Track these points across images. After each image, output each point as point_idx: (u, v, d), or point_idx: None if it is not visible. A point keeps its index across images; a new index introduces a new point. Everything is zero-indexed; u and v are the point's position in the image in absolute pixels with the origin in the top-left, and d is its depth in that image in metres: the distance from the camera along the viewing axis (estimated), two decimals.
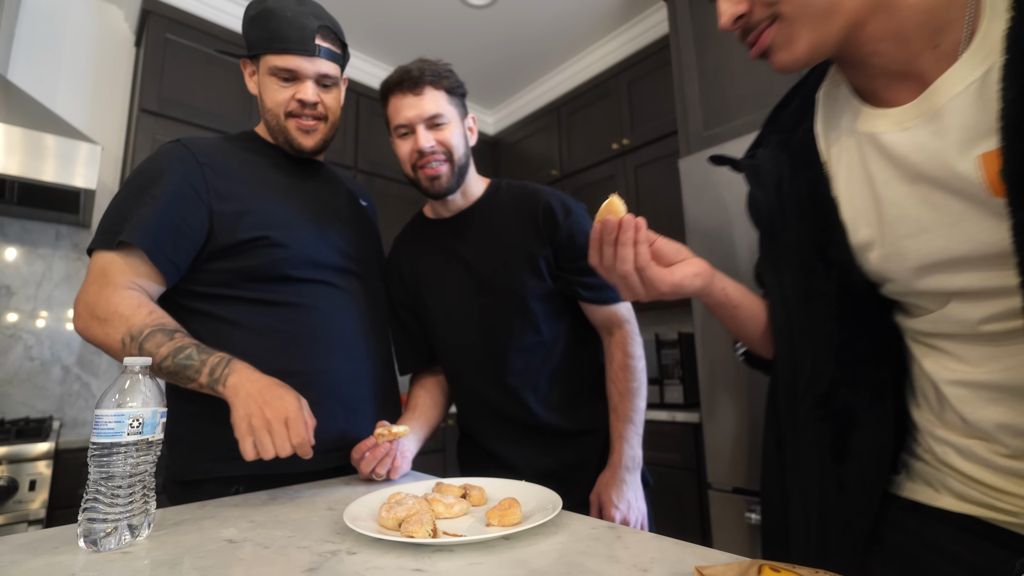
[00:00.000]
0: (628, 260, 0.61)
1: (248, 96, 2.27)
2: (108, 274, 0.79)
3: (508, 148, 3.32)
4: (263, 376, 0.74)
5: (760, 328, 0.70)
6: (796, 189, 0.64)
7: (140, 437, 0.53)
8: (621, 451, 0.94)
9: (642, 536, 0.54)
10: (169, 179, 0.83)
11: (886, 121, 0.55)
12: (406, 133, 0.95)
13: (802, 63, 0.55)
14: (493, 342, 0.99)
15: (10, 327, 1.95)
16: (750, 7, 0.55)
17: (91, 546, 0.50)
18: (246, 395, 0.70)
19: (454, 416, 1.14)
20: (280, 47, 0.87)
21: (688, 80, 1.93)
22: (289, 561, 0.48)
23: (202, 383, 0.73)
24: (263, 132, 1.00)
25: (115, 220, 0.81)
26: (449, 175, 0.96)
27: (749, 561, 0.40)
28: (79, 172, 1.67)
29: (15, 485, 1.42)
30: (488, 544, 0.52)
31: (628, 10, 2.51)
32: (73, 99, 2.17)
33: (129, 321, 0.74)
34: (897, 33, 0.52)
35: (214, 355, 0.74)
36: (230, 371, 0.73)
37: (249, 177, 0.92)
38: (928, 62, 0.51)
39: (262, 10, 0.88)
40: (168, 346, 0.73)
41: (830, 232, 0.61)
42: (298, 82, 0.90)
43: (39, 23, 2.13)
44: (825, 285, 0.61)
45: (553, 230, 0.98)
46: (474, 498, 0.67)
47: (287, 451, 0.67)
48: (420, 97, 0.93)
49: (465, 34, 2.66)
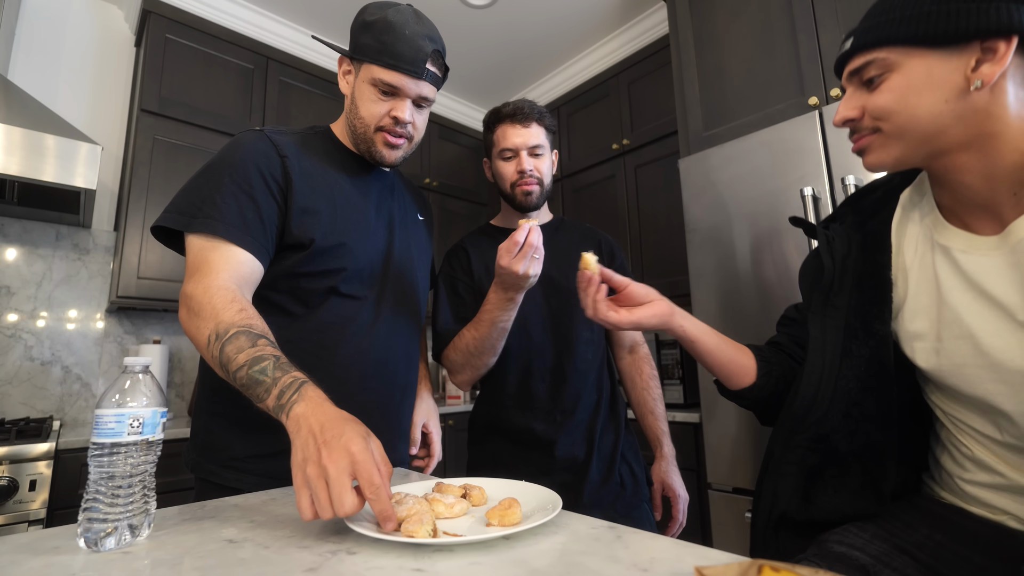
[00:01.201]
0: (588, 306, 0.81)
1: (248, 96, 2.28)
2: (208, 262, 0.75)
3: None
4: (332, 408, 0.59)
5: (719, 361, 0.81)
6: (860, 265, 0.74)
7: (140, 437, 0.53)
8: (667, 445, 1.21)
9: (642, 536, 0.54)
10: (250, 167, 0.82)
11: (963, 242, 0.64)
12: (511, 156, 1.16)
13: (889, 168, 0.65)
14: (560, 338, 1.14)
15: (10, 327, 1.95)
16: (860, 115, 0.65)
17: (91, 546, 0.50)
18: (307, 433, 0.56)
19: (454, 416, 1.16)
20: (391, 63, 0.84)
21: (688, 80, 1.93)
22: (289, 561, 0.48)
23: (270, 406, 0.62)
24: (339, 131, 0.98)
25: (196, 203, 0.78)
26: (539, 194, 1.17)
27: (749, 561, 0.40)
28: (79, 172, 1.66)
29: (15, 485, 1.42)
30: (488, 544, 0.52)
31: (628, 10, 2.51)
32: (73, 99, 2.17)
33: (218, 316, 0.69)
34: (987, 173, 0.60)
35: (288, 374, 0.63)
36: (298, 398, 0.60)
37: (321, 178, 0.89)
38: (1007, 205, 0.59)
39: (380, 19, 0.86)
40: (247, 353, 0.65)
41: (879, 308, 0.71)
42: (397, 99, 0.88)
43: (39, 23, 2.13)
44: (861, 350, 0.71)
45: (611, 261, 1.22)
46: (474, 498, 0.67)
47: (347, 510, 0.50)
48: (528, 129, 1.15)
49: (465, 34, 2.66)
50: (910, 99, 0.59)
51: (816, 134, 1.46)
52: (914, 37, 0.59)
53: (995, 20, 0.55)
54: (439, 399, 2.96)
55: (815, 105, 1.56)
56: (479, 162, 3.36)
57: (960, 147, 0.59)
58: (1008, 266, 0.58)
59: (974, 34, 0.56)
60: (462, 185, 3.22)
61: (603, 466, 1.10)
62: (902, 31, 0.60)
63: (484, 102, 3.33)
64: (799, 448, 0.73)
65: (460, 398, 2.82)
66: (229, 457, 0.83)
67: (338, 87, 2.62)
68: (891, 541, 0.66)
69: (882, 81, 0.62)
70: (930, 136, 0.60)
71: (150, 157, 2.03)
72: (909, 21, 0.59)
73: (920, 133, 0.60)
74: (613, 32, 2.67)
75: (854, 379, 0.70)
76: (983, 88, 0.56)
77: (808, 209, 1.42)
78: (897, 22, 0.60)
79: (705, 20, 1.92)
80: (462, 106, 3.32)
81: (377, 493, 0.51)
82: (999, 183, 0.59)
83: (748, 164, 1.61)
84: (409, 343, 0.98)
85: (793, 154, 1.51)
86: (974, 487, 0.65)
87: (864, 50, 0.63)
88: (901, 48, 0.60)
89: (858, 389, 0.70)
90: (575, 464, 1.08)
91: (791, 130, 1.52)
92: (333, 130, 0.99)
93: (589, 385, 1.14)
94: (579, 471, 1.08)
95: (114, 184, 2.23)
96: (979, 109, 0.57)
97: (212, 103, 2.19)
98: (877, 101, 0.62)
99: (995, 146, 0.58)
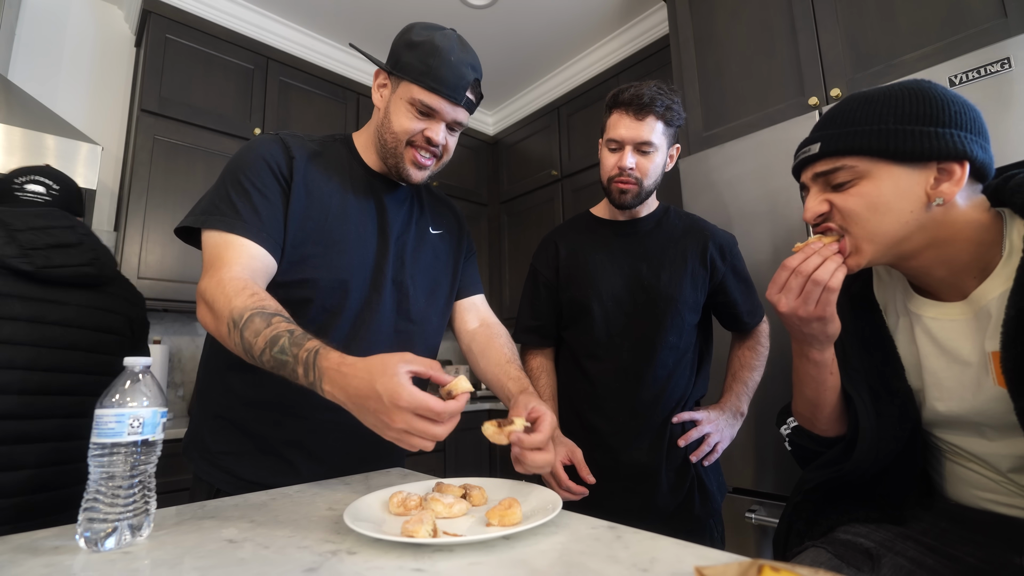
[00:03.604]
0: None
1: (248, 96, 2.27)
2: (222, 258, 0.76)
3: (508, 148, 3.32)
4: (351, 370, 0.61)
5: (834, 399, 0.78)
6: (858, 328, 0.78)
7: (140, 437, 0.53)
8: (729, 398, 1.15)
9: (642, 536, 0.54)
10: (261, 165, 0.84)
11: (933, 310, 0.71)
12: (616, 148, 1.06)
13: (864, 266, 0.69)
14: (641, 340, 1.08)
15: None
16: (829, 209, 0.70)
17: (91, 546, 0.50)
18: (354, 408, 0.61)
19: None
20: (433, 86, 0.84)
21: (688, 80, 1.93)
22: (289, 561, 0.48)
23: (304, 385, 0.64)
24: (361, 142, 0.96)
25: (215, 202, 0.80)
26: (635, 195, 1.08)
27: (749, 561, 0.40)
28: (79, 172, 1.67)
29: None
30: (488, 544, 0.52)
31: (628, 11, 2.51)
32: (73, 99, 2.17)
33: (231, 304, 0.69)
34: (949, 265, 0.67)
35: (303, 348, 0.64)
36: (318, 375, 0.62)
37: (324, 185, 0.88)
38: (968, 283, 0.67)
39: (426, 42, 0.86)
40: (264, 335, 0.66)
41: (892, 366, 0.74)
42: (432, 120, 0.88)
43: (39, 23, 2.13)
44: (889, 408, 0.73)
45: (720, 263, 1.13)
46: (474, 498, 0.67)
47: (442, 435, 0.59)
48: (641, 122, 1.02)
49: (465, 34, 2.63)
50: (879, 207, 0.66)
51: None
52: (883, 151, 0.65)
53: (950, 146, 0.62)
54: None
55: (815, 105, 1.56)
56: (479, 162, 3.36)
57: (921, 248, 0.67)
58: (973, 330, 0.66)
59: (933, 156, 0.63)
60: (462, 185, 3.22)
61: (673, 476, 1.05)
62: (872, 144, 0.65)
63: (484, 102, 3.33)
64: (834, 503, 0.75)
65: None
66: (204, 450, 0.87)
67: (338, 88, 2.65)
68: (895, 530, 0.69)
69: (852, 185, 0.67)
70: (896, 242, 0.66)
71: (150, 157, 2.02)
72: (876, 135, 0.65)
73: (887, 240, 0.66)
74: (613, 32, 2.67)
75: (892, 439, 0.72)
76: (943, 204, 0.64)
77: None
78: (864, 135, 0.66)
79: (705, 20, 1.91)
80: None
81: (443, 416, 0.59)
82: (958, 270, 0.67)
83: (748, 164, 1.61)
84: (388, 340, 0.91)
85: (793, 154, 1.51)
86: (977, 500, 0.69)
87: (833, 156, 0.68)
88: (869, 159, 0.66)
89: (893, 439, 0.72)
90: (643, 471, 1.04)
91: (791, 130, 1.52)
92: (354, 140, 0.97)
93: (668, 393, 1.07)
94: (647, 478, 1.04)
95: (114, 184, 2.23)
96: (937, 219, 0.65)
97: (212, 103, 2.18)
98: (848, 203, 0.67)
99: (952, 245, 0.66)
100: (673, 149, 1.12)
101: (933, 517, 0.70)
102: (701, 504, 1.06)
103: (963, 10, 1.32)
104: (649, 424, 1.06)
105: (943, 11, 1.35)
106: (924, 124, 0.63)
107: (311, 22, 2.54)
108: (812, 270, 0.66)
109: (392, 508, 0.63)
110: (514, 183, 3.23)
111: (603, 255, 1.15)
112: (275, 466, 0.84)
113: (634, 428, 1.06)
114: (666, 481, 1.04)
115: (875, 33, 1.47)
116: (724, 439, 1.10)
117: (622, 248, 1.15)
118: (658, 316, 1.08)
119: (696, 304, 1.11)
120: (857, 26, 1.51)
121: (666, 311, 1.08)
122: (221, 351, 0.84)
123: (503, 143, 3.37)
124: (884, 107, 0.66)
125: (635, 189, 1.07)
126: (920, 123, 0.63)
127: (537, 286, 1.20)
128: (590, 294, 1.11)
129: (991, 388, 0.63)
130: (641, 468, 1.04)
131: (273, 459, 0.85)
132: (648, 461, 1.04)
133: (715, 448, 1.08)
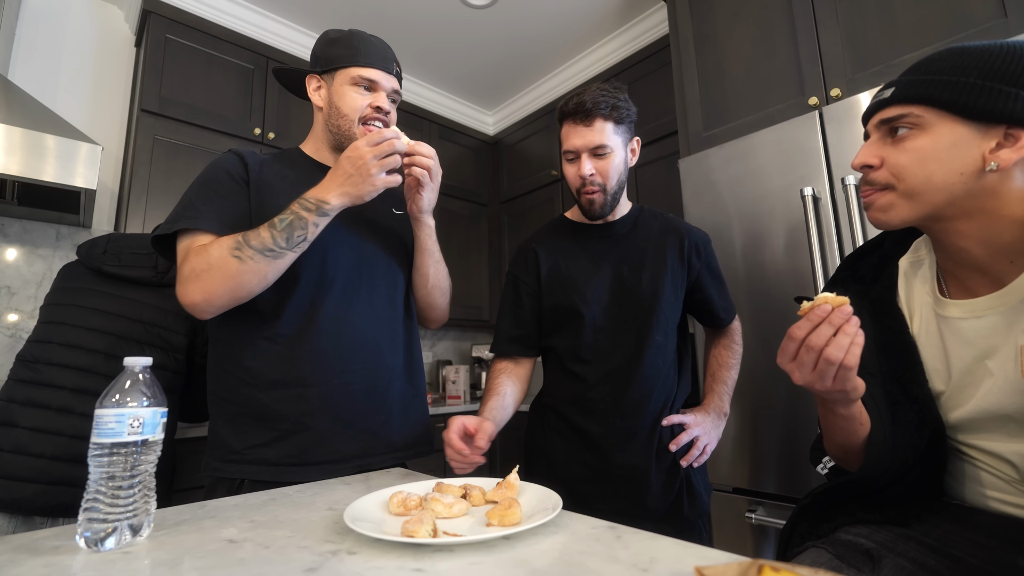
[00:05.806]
0: (842, 349, 0.59)
1: (248, 96, 2.27)
2: (193, 249, 0.85)
3: (508, 148, 3.32)
4: (332, 177, 0.88)
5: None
6: (878, 333, 0.75)
7: (140, 437, 0.53)
8: (712, 399, 1.16)
9: (642, 536, 0.54)
10: (220, 173, 0.94)
11: (962, 310, 0.68)
12: (573, 159, 1.08)
13: (890, 227, 0.68)
14: (628, 342, 1.08)
15: (10, 327, 1.95)
16: (880, 164, 0.67)
17: (91, 546, 0.50)
18: (343, 181, 0.87)
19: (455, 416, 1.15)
20: (366, 61, 1.00)
21: (688, 80, 1.93)
22: (289, 561, 0.48)
23: (313, 220, 0.85)
24: (309, 148, 1.07)
25: (179, 211, 0.90)
26: (602, 203, 1.09)
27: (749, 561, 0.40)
28: (79, 172, 1.66)
29: None
30: (488, 544, 0.52)
31: (628, 11, 2.51)
32: (73, 99, 2.17)
33: (222, 246, 0.82)
34: (985, 241, 0.63)
35: (294, 204, 0.86)
36: (317, 201, 0.86)
37: (281, 179, 0.98)
38: (1004, 270, 0.63)
39: (344, 35, 1.02)
40: (264, 227, 0.83)
41: (912, 372, 0.72)
42: (375, 92, 1.01)
43: (39, 23, 2.13)
44: (907, 415, 0.71)
45: (695, 260, 1.15)
46: (474, 498, 0.67)
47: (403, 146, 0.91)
48: (590, 128, 1.04)
49: (465, 34, 2.66)
50: (929, 163, 0.62)
51: (816, 134, 1.46)
52: (954, 104, 0.61)
53: None
54: (439, 399, 2.96)
55: (815, 105, 1.56)
56: (479, 162, 3.36)
57: (962, 215, 0.63)
58: (1006, 324, 0.63)
59: (1006, 118, 0.59)
60: (462, 185, 3.22)
61: (663, 477, 1.06)
62: (945, 94, 0.62)
63: (484, 102, 3.33)
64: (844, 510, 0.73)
65: (460, 398, 2.82)
66: (229, 451, 0.89)
67: None
68: (897, 531, 0.68)
69: (908, 137, 0.64)
70: (938, 201, 0.63)
71: (150, 157, 2.02)
72: (953, 87, 0.61)
73: (930, 197, 0.63)
74: (613, 32, 2.67)
75: (909, 447, 0.69)
76: (996, 171, 0.60)
77: (808, 209, 1.42)
78: (941, 85, 0.62)
79: (705, 20, 1.92)
80: (462, 106, 3.32)
81: (379, 140, 0.87)
82: (996, 251, 0.63)
83: (748, 164, 1.61)
84: (390, 327, 1.03)
85: (793, 154, 1.51)
86: (986, 500, 0.68)
87: (904, 103, 0.65)
88: (938, 111, 0.62)
89: (910, 448, 0.70)
90: (633, 472, 1.04)
91: (791, 130, 1.52)
92: (303, 149, 1.08)
93: (656, 393, 1.08)
94: (638, 480, 1.04)
95: (114, 184, 2.23)
96: (987, 188, 0.61)
97: (212, 103, 2.18)
98: (898, 158, 0.65)
99: (996, 220, 0.62)
100: (633, 143, 1.12)
101: (936, 518, 0.69)
102: (690, 505, 1.07)
103: (963, 10, 1.32)
104: (639, 425, 1.06)
105: (943, 11, 1.35)
106: (1008, 84, 0.59)
107: (311, 22, 2.54)
108: (823, 345, 0.58)
109: (392, 508, 0.63)
110: (514, 183, 3.23)
111: (584, 259, 1.15)
112: (303, 442, 0.90)
113: (624, 429, 1.06)
114: (656, 482, 1.04)
115: (875, 33, 1.47)
116: (712, 441, 1.11)
117: (602, 251, 1.15)
118: (643, 316, 1.09)
119: (677, 301, 1.13)
120: (857, 26, 1.51)
121: (651, 310, 1.09)
122: (234, 343, 0.92)
123: (503, 143, 3.37)
124: (973, 60, 0.61)
125: (601, 197, 1.08)
126: (1004, 82, 0.59)
127: (519, 295, 1.18)
128: (575, 299, 1.11)
129: (1019, 381, 0.61)
130: (632, 469, 1.04)
131: (299, 437, 0.90)
132: (639, 462, 1.05)
133: (704, 450, 1.09)
